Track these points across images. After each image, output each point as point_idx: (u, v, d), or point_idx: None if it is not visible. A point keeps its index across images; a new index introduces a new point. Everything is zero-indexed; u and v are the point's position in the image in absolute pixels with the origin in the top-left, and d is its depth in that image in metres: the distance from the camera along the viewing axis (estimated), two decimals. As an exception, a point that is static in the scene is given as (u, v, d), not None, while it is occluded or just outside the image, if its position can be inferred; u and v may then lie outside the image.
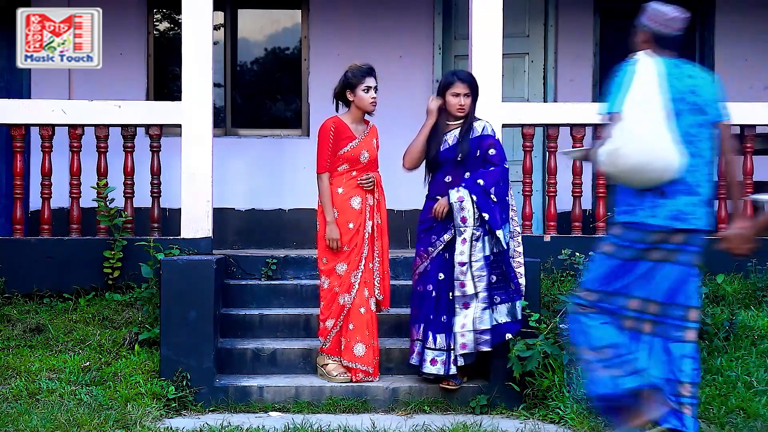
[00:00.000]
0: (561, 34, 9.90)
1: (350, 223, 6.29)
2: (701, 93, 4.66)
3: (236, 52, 10.24)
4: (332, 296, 6.31)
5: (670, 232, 4.53)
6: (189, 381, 6.15)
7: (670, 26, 4.71)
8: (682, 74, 4.66)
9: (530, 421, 5.83)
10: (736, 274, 7.32)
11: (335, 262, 6.29)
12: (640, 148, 4.43)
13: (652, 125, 4.44)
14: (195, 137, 7.29)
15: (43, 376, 6.17)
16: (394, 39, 9.86)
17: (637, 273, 4.58)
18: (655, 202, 4.54)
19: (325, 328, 6.32)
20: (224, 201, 9.11)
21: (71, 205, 7.47)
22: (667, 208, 4.52)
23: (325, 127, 6.33)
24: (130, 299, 7.04)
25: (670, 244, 4.56)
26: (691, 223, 4.57)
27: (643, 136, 4.43)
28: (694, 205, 4.57)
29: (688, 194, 4.55)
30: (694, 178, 4.57)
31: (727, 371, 5.96)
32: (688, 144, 4.52)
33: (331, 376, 6.28)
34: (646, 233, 4.54)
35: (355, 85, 6.34)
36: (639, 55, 4.64)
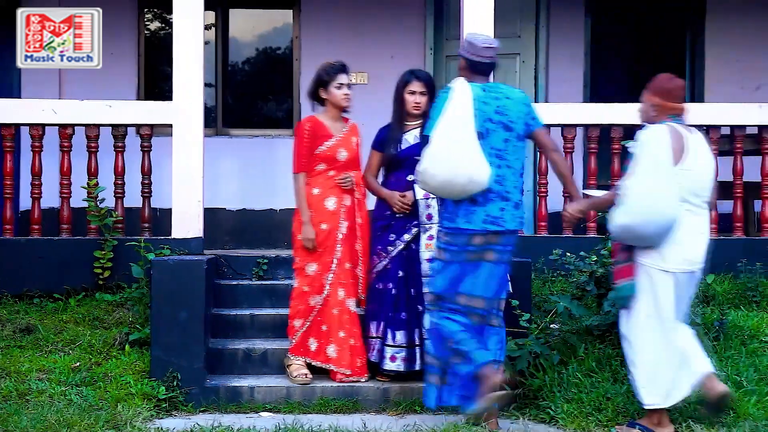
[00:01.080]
0: (552, 34, 9.91)
1: (323, 224, 6.27)
2: (507, 112, 5.43)
3: (227, 52, 10.23)
4: (301, 296, 6.31)
5: (485, 234, 5.36)
6: (180, 381, 6.14)
7: (481, 55, 5.45)
8: (489, 97, 5.42)
9: (521, 420, 5.82)
10: (726, 274, 7.34)
11: (306, 262, 6.29)
12: (443, 168, 5.27)
13: (456, 146, 5.26)
14: (186, 137, 7.28)
15: (33, 376, 6.15)
16: (385, 39, 9.87)
17: (471, 273, 5.40)
18: (468, 209, 5.38)
19: (292, 326, 6.33)
20: (215, 201, 9.09)
21: (61, 205, 7.45)
22: (478, 215, 5.36)
23: (300, 126, 6.35)
24: (120, 299, 7.03)
25: (489, 246, 5.39)
26: (502, 225, 5.40)
27: (447, 156, 5.26)
28: (503, 210, 5.41)
29: (499, 201, 5.40)
30: (504, 186, 5.41)
31: (717, 371, 5.96)
32: (497, 158, 5.38)
33: (291, 377, 6.27)
34: (466, 237, 5.37)
35: (327, 82, 6.34)
36: (454, 83, 5.41)
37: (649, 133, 5.26)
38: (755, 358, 6.16)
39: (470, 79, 5.46)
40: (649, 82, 5.49)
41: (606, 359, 6.12)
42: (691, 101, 10.01)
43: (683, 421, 5.44)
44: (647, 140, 5.24)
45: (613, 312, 6.08)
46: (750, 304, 7.07)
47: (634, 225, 5.18)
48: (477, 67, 5.48)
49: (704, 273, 6.96)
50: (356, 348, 6.29)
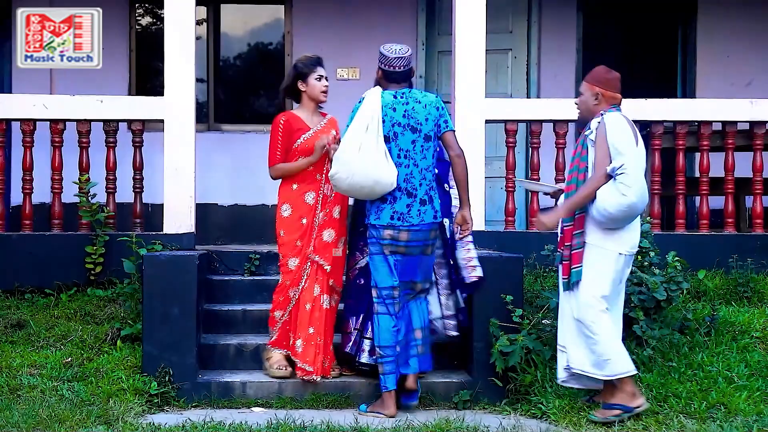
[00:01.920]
0: (544, 30, 9.92)
1: (303, 219, 6.26)
2: (414, 115, 5.81)
3: (219, 48, 10.22)
4: (282, 289, 6.31)
5: (396, 229, 5.76)
6: (171, 377, 6.13)
7: (394, 65, 5.89)
8: (398, 103, 5.81)
9: (513, 416, 5.84)
10: (717, 270, 7.36)
11: (288, 257, 6.28)
12: (350, 172, 5.68)
13: (362, 152, 5.67)
14: (178, 133, 7.27)
15: (24, 371, 6.14)
16: (377, 34, 9.82)
17: (392, 265, 5.82)
18: (379, 206, 5.80)
19: (273, 317, 6.33)
20: (207, 196, 9.09)
21: (53, 201, 7.44)
22: (386, 211, 5.77)
23: (275, 121, 6.32)
24: (112, 295, 7.02)
25: (401, 240, 5.78)
26: (408, 221, 5.77)
27: (354, 161, 5.66)
28: (409, 206, 5.78)
29: (405, 198, 5.77)
30: (410, 184, 5.79)
31: (708, 366, 5.99)
32: (404, 158, 5.77)
33: (270, 369, 6.26)
34: (380, 231, 5.78)
35: (306, 74, 6.31)
36: (367, 92, 5.85)
37: (611, 118, 5.47)
38: (746, 354, 6.18)
39: (385, 87, 5.89)
40: (588, 74, 5.75)
41: (597, 354, 6.14)
42: (682, 97, 10.06)
43: (674, 416, 5.46)
44: (614, 124, 5.43)
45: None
46: (741, 300, 7.09)
47: (637, 203, 5.38)
48: (390, 76, 5.89)
49: (696, 268, 7.04)
50: (323, 346, 6.23)
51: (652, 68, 10.41)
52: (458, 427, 5.49)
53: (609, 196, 5.35)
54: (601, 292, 5.45)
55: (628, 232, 5.51)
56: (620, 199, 5.32)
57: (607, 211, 5.36)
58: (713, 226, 7.81)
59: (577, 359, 5.53)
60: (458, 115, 7.43)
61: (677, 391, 5.70)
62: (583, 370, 5.52)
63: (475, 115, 7.43)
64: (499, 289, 6.24)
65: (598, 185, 5.40)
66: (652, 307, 6.16)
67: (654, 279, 6.15)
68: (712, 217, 7.78)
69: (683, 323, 6.43)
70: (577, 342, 5.53)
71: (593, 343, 5.43)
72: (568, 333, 5.59)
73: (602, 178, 5.40)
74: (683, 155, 7.77)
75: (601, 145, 5.43)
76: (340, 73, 9.75)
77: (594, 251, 5.46)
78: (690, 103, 8.68)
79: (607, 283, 5.47)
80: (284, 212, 6.32)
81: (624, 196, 5.32)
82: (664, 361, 6.06)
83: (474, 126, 7.41)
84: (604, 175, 5.40)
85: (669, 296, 6.19)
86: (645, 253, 6.31)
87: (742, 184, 7.94)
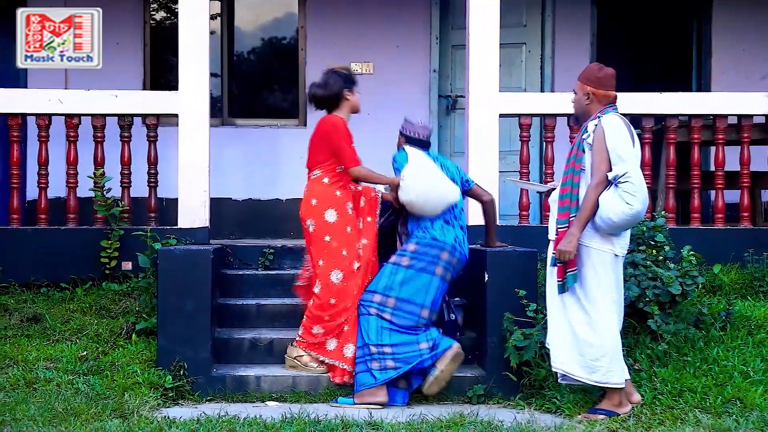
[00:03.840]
0: (558, 24, 9.89)
1: (348, 227, 6.24)
2: (449, 170, 6.42)
3: (233, 42, 10.22)
4: (327, 307, 6.23)
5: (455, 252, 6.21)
6: (186, 371, 6.15)
7: (419, 133, 6.42)
8: (432, 158, 6.39)
9: (527, 410, 5.84)
10: (732, 265, 7.33)
11: (332, 268, 6.21)
12: (416, 180, 6.13)
13: (426, 168, 6.20)
14: (192, 127, 7.28)
15: (40, 365, 6.17)
16: (391, 29, 9.85)
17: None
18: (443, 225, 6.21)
19: (309, 329, 6.27)
20: (221, 191, 9.10)
21: (68, 195, 7.46)
22: (450, 232, 6.22)
23: (339, 123, 6.24)
24: (127, 289, 7.05)
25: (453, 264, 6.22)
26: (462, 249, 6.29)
27: (419, 174, 6.13)
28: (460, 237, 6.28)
29: (459, 230, 6.32)
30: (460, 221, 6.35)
31: (724, 361, 5.97)
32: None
33: (309, 366, 6.25)
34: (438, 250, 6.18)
35: (353, 85, 6.38)
36: (405, 149, 6.34)
37: (608, 121, 5.44)
38: (762, 348, 6.16)
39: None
40: (581, 72, 5.74)
41: (612, 349, 6.14)
42: (697, 91, 10.01)
43: (689, 410, 5.44)
44: (612, 129, 5.41)
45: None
46: (757, 295, 7.06)
47: (641, 211, 5.39)
48: (414, 141, 6.37)
49: (711, 263, 7.02)
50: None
51: (667, 62, 10.37)
52: (472, 421, 5.48)
53: (614, 205, 5.33)
54: (610, 295, 5.47)
55: (624, 234, 5.55)
56: (625, 208, 5.31)
57: (611, 220, 5.35)
58: (729, 220, 7.78)
59: (560, 360, 5.57)
60: (472, 109, 7.42)
61: (692, 386, 5.69)
62: (569, 372, 5.55)
63: (489, 109, 7.41)
64: (513, 283, 6.22)
65: (600, 191, 5.39)
66: (667, 301, 6.15)
67: (669, 273, 6.13)
68: (728, 211, 7.74)
69: (698, 318, 6.41)
70: (563, 344, 5.55)
71: (588, 347, 5.44)
72: (557, 334, 5.60)
73: (602, 183, 5.39)
74: (698, 149, 7.74)
75: (598, 149, 5.41)
76: (353, 68, 9.74)
77: (594, 254, 5.47)
78: (705, 96, 8.64)
79: (613, 285, 5.49)
80: (329, 217, 6.23)
81: (629, 205, 5.31)
82: (679, 355, 6.05)
83: (488, 120, 7.40)
84: (604, 180, 5.39)
85: (684, 291, 6.17)
86: (660, 248, 6.29)
87: (758, 178, 7.91)
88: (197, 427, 5.30)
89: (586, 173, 5.49)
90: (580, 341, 5.47)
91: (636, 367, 5.96)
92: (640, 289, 6.09)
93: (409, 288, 6.09)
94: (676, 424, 5.31)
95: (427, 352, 5.99)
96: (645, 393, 5.69)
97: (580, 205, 5.43)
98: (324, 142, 6.23)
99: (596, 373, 5.45)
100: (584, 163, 5.50)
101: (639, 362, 6.01)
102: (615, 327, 5.50)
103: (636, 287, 6.08)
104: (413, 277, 6.11)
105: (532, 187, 6.61)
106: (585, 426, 5.35)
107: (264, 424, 5.37)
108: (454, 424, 5.42)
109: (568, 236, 5.41)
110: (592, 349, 5.44)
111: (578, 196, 5.47)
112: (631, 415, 5.44)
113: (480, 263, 6.41)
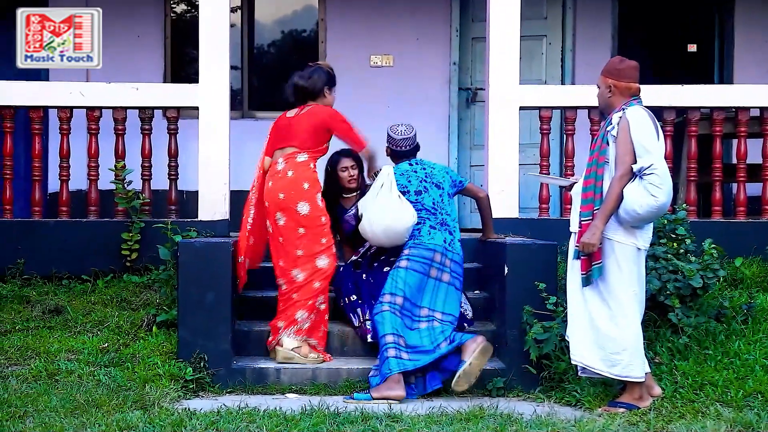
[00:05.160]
0: (579, 16, 9.84)
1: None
2: (434, 177, 6.59)
3: (253, 35, 10.23)
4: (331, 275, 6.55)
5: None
6: (206, 363, 6.17)
7: (400, 145, 6.65)
8: (417, 168, 6.61)
9: (547, 403, 5.83)
10: (754, 258, 7.28)
11: (334, 241, 6.56)
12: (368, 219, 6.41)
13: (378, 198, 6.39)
14: (212, 120, 7.30)
15: (62, 357, 6.21)
16: (411, 21, 9.83)
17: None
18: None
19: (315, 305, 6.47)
20: (241, 183, 9.04)
21: (89, 188, 7.50)
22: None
23: (339, 113, 6.57)
24: (147, 281, 7.08)
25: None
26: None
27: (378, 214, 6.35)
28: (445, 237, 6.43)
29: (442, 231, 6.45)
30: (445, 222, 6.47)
31: (745, 354, 5.94)
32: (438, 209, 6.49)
33: (309, 358, 6.34)
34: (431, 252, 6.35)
35: (333, 84, 6.67)
36: (383, 168, 6.50)
37: (633, 113, 5.43)
38: (784, 342, 6.13)
39: (396, 163, 6.66)
40: (605, 65, 5.72)
41: (632, 342, 6.12)
42: (719, 83, 9.95)
43: (711, 404, 5.42)
44: (637, 121, 5.41)
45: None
46: (778, 288, 7.03)
47: (666, 203, 5.39)
48: (398, 154, 6.66)
49: (732, 256, 6.98)
50: None
51: (689, 55, 10.30)
52: (492, 414, 5.48)
53: (639, 197, 5.32)
54: (632, 288, 5.46)
55: (648, 227, 5.53)
56: (650, 200, 5.30)
57: (636, 212, 5.33)
58: (750, 213, 7.73)
59: (581, 353, 5.56)
60: (492, 102, 7.40)
61: (713, 380, 5.66)
62: (589, 365, 5.54)
63: (509, 102, 7.40)
64: (533, 276, 6.21)
65: (625, 183, 5.37)
66: (688, 294, 6.12)
67: (690, 266, 6.10)
68: (750, 204, 7.70)
69: (720, 311, 6.37)
70: (584, 336, 5.54)
71: (609, 341, 5.43)
72: (578, 327, 5.59)
73: (627, 175, 5.38)
74: (720, 142, 7.69)
75: (623, 141, 5.39)
76: (374, 61, 9.75)
77: (617, 247, 5.44)
78: (727, 88, 8.59)
79: (635, 279, 5.48)
80: (320, 202, 6.44)
81: (654, 197, 5.30)
82: (700, 349, 6.02)
83: (508, 113, 7.38)
84: (629, 172, 5.37)
85: (705, 284, 6.15)
86: (681, 241, 6.26)
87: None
88: (217, 419, 5.31)
89: (610, 165, 5.46)
90: (601, 334, 5.45)
91: (657, 360, 5.94)
92: (661, 282, 6.07)
93: (410, 288, 6.25)
94: (696, 418, 5.28)
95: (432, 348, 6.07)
96: (666, 386, 5.67)
97: (604, 197, 5.41)
98: (323, 129, 6.50)
99: (617, 367, 5.44)
100: (608, 155, 5.47)
101: (660, 355, 5.99)
102: (636, 321, 5.48)
103: (657, 280, 6.06)
104: (412, 277, 6.27)
105: (553, 181, 6.61)
106: (605, 419, 5.33)
107: (284, 417, 5.38)
108: (474, 416, 5.42)
109: (591, 228, 5.39)
110: (612, 342, 5.42)
111: (602, 188, 5.44)
112: (652, 408, 5.42)
113: (500, 256, 6.40)
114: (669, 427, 5.19)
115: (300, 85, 6.62)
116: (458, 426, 5.22)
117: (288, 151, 6.47)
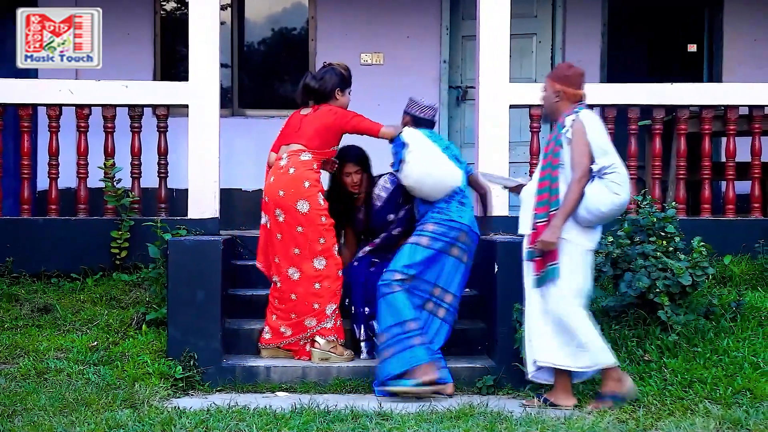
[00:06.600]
0: (569, 14, 9.86)
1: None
2: (454, 150, 6.46)
3: (243, 33, 10.22)
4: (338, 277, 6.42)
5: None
6: (196, 361, 6.17)
7: (425, 112, 6.46)
8: (438, 139, 6.42)
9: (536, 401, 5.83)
10: (743, 256, 7.30)
11: (335, 243, 6.42)
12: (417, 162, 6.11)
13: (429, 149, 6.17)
14: (202, 118, 7.28)
15: (51, 355, 6.20)
16: (401, 19, 9.84)
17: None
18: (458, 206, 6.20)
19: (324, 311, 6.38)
20: (231, 181, 9.11)
21: (78, 185, 7.48)
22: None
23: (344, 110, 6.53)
24: (137, 279, 7.07)
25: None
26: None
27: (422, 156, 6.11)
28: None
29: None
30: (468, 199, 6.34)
31: (734, 352, 5.96)
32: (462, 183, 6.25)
33: (344, 356, 6.34)
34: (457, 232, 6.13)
35: (347, 86, 6.57)
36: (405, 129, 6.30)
37: (587, 117, 5.56)
38: (772, 339, 6.15)
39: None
40: (551, 71, 5.87)
41: (622, 339, 6.14)
42: (708, 81, 9.97)
43: (699, 401, 5.44)
44: (592, 124, 5.54)
45: (630, 293, 6.09)
46: (767, 286, 7.04)
47: (627, 200, 5.55)
48: (420, 121, 6.40)
49: (721, 254, 6.99)
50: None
51: (678, 52, 10.33)
52: (482, 412, 5.48)
53: (602, 196, 5.44)
54: (583, 287, 5.55)
55: (599, 228, 5.64)
56: (613, 198, 5.44)
57: (599, 210, 5.45)
58: (739, 211, 7.75)
59: (544, 352, 5.59)
60: (482, 99, 7.40)
61: (702, 377, 5.68)
62: (555, 363, 5.57)
63: (499, 100, 7.39)
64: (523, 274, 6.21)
65: (584, 184, 5.47)
66: (677, 292, 6.13)
67: (679, 264, 6.12)
68: (739, 202, 7.71)
69: (708, 309, 6.39)
70: (545, 335, 5.58)
71: (571, 336, 5.49)
72: (535, 327, 5.64)
73: (586, 177, 5.47)
74: (709, 140, 7.71)
75: (579, 144, 5.50)
76: (364, 59, 9.75)
77: (571, 248, 5.52)
78: (716, 86, 8.61)
79: (587, 278, 5.57)
80: (322, 201, 6.34)
81: (617, 195, 5.44)
82: (689, 346, 6.04)
83: (498, 111, 7.38)
84: (587, 173, 5.47)
85: (694, 281, 6.16)
86: (670, 239, 6.28)
87: (769, 169, 7.87)
88: (207, 417, 5.31)
89: (565, 168, 5.54)
90: (562, 331, 5.51)
91: (646, 357, 5.96)
92: (651, 280, 6.08)
93: (426, 267, 6.09)
94: (686, 415, 5.30)
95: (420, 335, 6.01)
96: (655, 384, 5.68)
97: (559, 199, 5.49)
98: (332, 131, 6.40)
99: (583, 360, 5.50)
100: (562, 158, 5.55)
101: (649, 353, 6.01)
102: (586, 315, 5.55)
103: (646, 278, 6.07)
104: (433, 257, 6.10)
105: (500, 181, 6.49)
106: (595, 416, 5.34)
107: (274, 415, 5.38)
108: (464, 414, 5.42)
109: (551, 228, 5.48)
110: (568, 336, 5.49)
111: (557, 190, 5.53)
112: (641, 405, 5.43)
113: (490, 254, 6.41)
114: (658, 424, 5.20)
115: (310, 86, 6.53)
116: (448, 424, 5.22)
117: (293, 147, 6.41)
